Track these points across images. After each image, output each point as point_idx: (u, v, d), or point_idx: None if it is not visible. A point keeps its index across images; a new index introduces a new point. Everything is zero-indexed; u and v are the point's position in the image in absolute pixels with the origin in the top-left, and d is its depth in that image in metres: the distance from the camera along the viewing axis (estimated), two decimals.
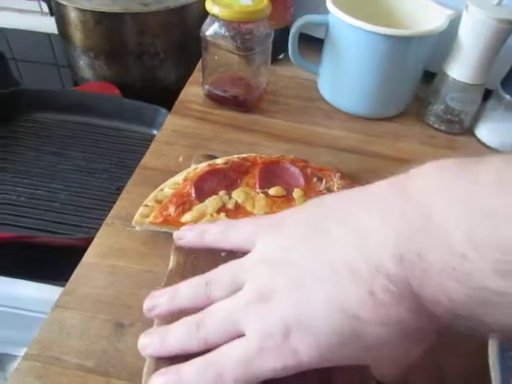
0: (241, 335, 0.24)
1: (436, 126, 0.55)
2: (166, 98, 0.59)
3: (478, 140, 0.54)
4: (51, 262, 0.49)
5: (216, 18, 0.48)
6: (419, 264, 0.20)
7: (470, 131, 0.55)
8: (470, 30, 0.49)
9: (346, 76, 0.54)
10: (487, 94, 0.53)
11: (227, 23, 0.49)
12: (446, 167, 0.22)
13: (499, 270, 0.17)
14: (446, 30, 0.50)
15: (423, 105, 0.56)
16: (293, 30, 0.54)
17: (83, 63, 0.72)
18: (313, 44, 0.59)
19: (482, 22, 0.47)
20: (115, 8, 0.65)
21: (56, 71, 0.84)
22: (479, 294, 0.18)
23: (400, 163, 0.50)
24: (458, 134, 0.55)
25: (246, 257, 0.26)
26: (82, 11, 0.65)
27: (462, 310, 0.19)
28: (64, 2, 0.66)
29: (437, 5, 0.52)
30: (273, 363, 0.22)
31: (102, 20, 0.66)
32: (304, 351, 0.22)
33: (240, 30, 0.49)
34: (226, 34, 0.49)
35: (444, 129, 0.55)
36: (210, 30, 0.50)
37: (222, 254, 0.33)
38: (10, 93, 0.65)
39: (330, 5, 0.51)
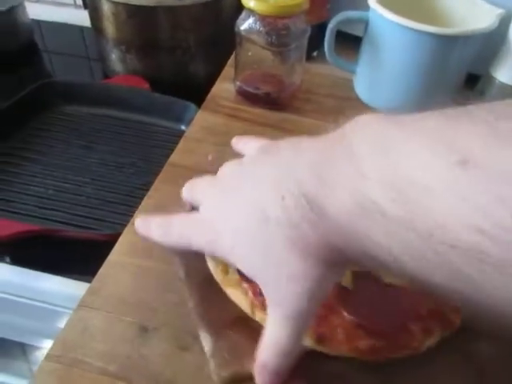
0: None
1: None
2: (196, 93, 0.58)
3: None
4: (77, 256, 0.48)
5: (251, 12, 0.47)
6: (326, 175, 0.21)
7: None
8: None
9: (384, 76, 0.51)
10: None
11: (262, 18, 0.47)
12: (381, 117, 0.22)
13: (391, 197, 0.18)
14: (494, 30, 0.47)
15: None
16: (330, 26, 0.51)
17: (115, 56, 0.71)
18: (349, 42, 0.57)
19: None
20: (148, 1, 0.64)
21: (87, 64, 0.85)
22: (364, 206, 0.19)
23: None
24: None
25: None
26: (115, 4, 0.65)
27: (344, 221, 0.20)
28: None
29: (485, 3, 0.49)
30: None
31: (134, 13, 0.65)
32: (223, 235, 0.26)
33: (276, 25, 0.47)
34: (261, 29, 0.47)
35: None
36: (245, 24, 0.48)
37: None
38: (41, 85, 0.66)
39: (371, 1, 0.48)
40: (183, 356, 0.30)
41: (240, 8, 0.48)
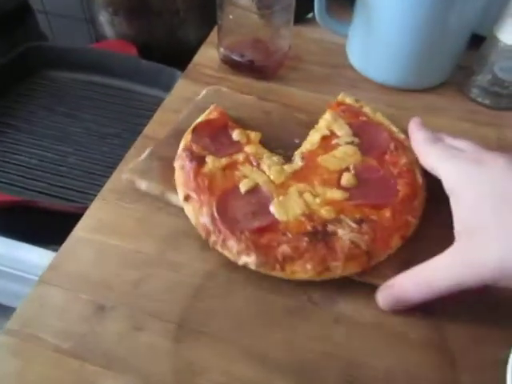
0: None
1: (479, 99, 0.48)
2: (187, 60, 0.55)
3: None
4: (53, 227, 0.48)
5: None
6: None
7: None
8: None
9: (379, 39, 0.47)
10: None
11: None
12: None
13: None
14: None
15: (466, 75, 0.49)
16: None
17: (103, 19, 0.68)
18: (345, 2, 0.53)
19: None
20: None
21: (85, 26, 0.82)
22: None
23: None
24: (507, 109, 0.48)
25: None
26: None
27: None
28: None
29: None
30: None
31: None
32: None
33: None
34: None
35: (489, 103, 0.48)
36: None
37: None
38: (26, 49, 0.64)
39: None
40: (137, 336, 0.29)
41: None
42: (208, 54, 0.52)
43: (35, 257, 0.46)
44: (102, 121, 0.60)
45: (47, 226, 0.48)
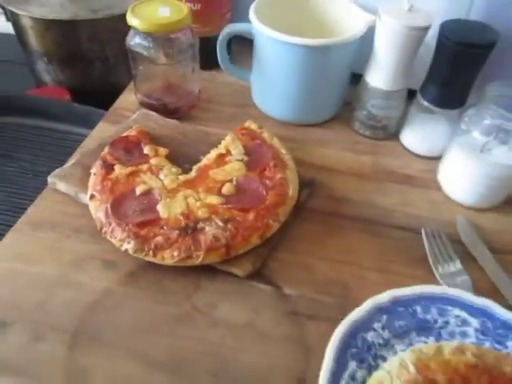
0: None
1: (361, 131, 0.56)
2: None
3: (402, 145, 0.55)
4: None
5: (137, 29, 0.50)
6: None
7: (396, 136, 0.56)
8: (383, 38, 0.49)
9: (271, 84, 0.55)
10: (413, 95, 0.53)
11: (148, 34, 0.50)
12: None
13: None
14: (370, 33, 0.51)
15: (351, 110, 0.57)
16: (220, 38, 0.55)
17: (39, 67, 0.75)
18: (249, 52, 0.60)
19: (393, 30, 0.48)
20: (64, 15, 0.68)
21: (25, 72, 0.87)
22: None
23: (318, 170, 0.51)
24: (384, 139, 0.56)
25: None
26: (33, 18, 0.68)
27: None
28: (15, 10, 0.68)
29: (361, 10, 0.53)
30: None
31: (51, 27, 0.68)
32: None
33: (160, 41, 0.51)
34: (148, 44, 0.51)
35: (369, 134, 0.56)
36: (134, 41, 0.52)
37: None
38: None
39: (251, 13, 0.52)
40: (36, 345, 0.34)
41: None
42: (128, 99, 0.59)
43: None
44: (36, 160, 0.65)
45: None
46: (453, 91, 0.50)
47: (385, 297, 0.36)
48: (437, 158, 0.52)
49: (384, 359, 0.33)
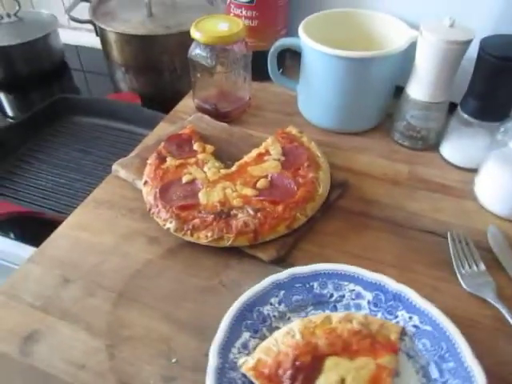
0: None
1: (400, 141, 0.58)
2: None
3: (441, 156, 0.56)
4: None
5: (198, 41, 0.57)
6: None
7: (435, 148, 0.57)
8: (424, 52, 0.52)
9: (315, 94, 0.59)
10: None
11: (205, 46, 0.57)
12: None
13: None
14: (413, 47, 0.53)
15: (391, 121, 0.59)
16: (271, 50, 0.60)
17: (118, 76, 0.85)
18: (298, 64, 0.65)
19: (433, 44, 0.50)
20: (142, 31, 0.78)
21: (107, 80, 0.99)
22: None
23: (353, 174, 0.54)
24: (423, 150, 0.57)
25: None
26: (116, 33, 0.78)
27: None
28: (102, 26, 0.79)
29: (405, 26, 0.56)
30: None
31: (131, 41, 0.78)
32: None
33: (217, 52, 0.57)
34: (207, 55, 0.58)
35: (408, 144, 0.58)
36: (195, 51, 0.59)
37: None
38: (55, 100, 0.80)
39: (300, 28, 0.57)
40: (87, 300, 0.41)
41: None
42: (187, 104, 0.66)
43: None
44: (108, 156, 0.74)
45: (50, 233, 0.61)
46: (492, 104, 0.50)
47: (283, 274, 0.39)
48: (475, 170, 0.52)
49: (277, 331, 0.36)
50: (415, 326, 0.37)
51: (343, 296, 0.39)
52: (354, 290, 0.39)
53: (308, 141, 0.54)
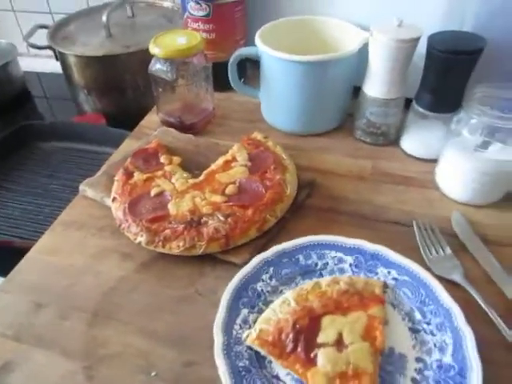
0: None
1: (362, 138, 0.60)
2: None
3: (402, 150, 0.58)
4: None
5: (157, 56, 0.58)
6: None
7: (396, 142, 0.59)
8: (376, 52, 0.54)
9: (277, 99, 0.61)
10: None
11: (166, 60, 0.58)
12: None
13: None
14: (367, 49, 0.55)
15: (352, 120, 0.61)
16: (230, 61, 0.62)
17: (81, 99, 0.85)
18: (258, 72, 0.67)
19: (384, 44, 0.52)
20: (101, 52, 0.78)
21: (69, 104, 0.98)
22: None
23: (319, 173, 0.55)
24: (384, 145, 0.59)
25: None
26: (76, 56, 0.78)
27: None
28: (62, 50, 0.79)
29: (357, 29, 0.58)
30: None
31: (90, 62, 0.78)
32: None
33: (176, 65, 0.58)
34: (167, 69, 0.58)
35: (369, 141, 0.59)
36: (155, 67, 0.59)
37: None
38: (19, 128, 0.79)
39: (256, 37, 0.59)
40: (61, 323, 0.40)
41: None
42: (151, 119, 0.66)
43: None
44: (76, 178, 0.73)
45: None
46: (445, 96, 0.53)
47: (269, 252, 0.43)
48: (435, 161, 0.54)
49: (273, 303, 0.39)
50: (394, 279, 0.41)
51: (327, 263, 0.43)
52: (335, 257, 0.43)
53: (273, 145, 0.55)
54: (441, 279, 0.41)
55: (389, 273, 0.42)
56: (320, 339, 0.36)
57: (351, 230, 0.47)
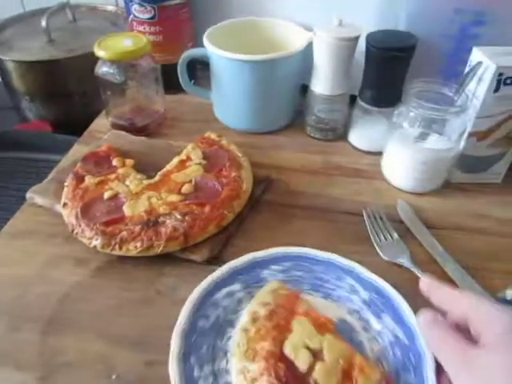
0: None
1: (312, 134, 0.62)
2: None
3: (350, 144, 0.61)
4: None
5: (103, 59, 0.57)
6: None
7: (345, 137, 0.61)
8: (319, 50, 0.56)
9: (227, 99, 0.61)
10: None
11: (113, 63, 0.57)
12: None
13: None
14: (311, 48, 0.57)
15: (302, 117, 0.63)
16: (179, 62, 0.62)
17: (23, 106, 0.81)
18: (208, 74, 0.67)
19: (326, 43, 0.54)
20: (42, 56, 0.75)
21: (10, 113, 0.94)
22: None
23: (274, 169, 0.56)
24: (334, 140, 0.61)
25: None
26: (14, 61, 0.75)
27: None
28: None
29: (301, 29, 0.60)
30: None
31: (30, 68, 0.75)
32: None
33: (124, 67, 0.57)
34: (114, 71, 0.57)
35: (319, 136, 0.62)
36: (101, 69, 0.58)
37: None
38: None
39: (204, 38, 0.59)
40: (13, 334, 0.38)
41: None
42: (101, 123, 0.65)
43: None
44: (24, 188, 0.69)
45: None
46: (385, 92, 0.56)
47: (222, 270, 0.40)
48: (380, 153, 0.57)
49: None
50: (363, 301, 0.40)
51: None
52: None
53: (228, 143, 0.55)
54: (390, 263, 0.44)
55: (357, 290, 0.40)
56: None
57: (307, 222, 0.49)
